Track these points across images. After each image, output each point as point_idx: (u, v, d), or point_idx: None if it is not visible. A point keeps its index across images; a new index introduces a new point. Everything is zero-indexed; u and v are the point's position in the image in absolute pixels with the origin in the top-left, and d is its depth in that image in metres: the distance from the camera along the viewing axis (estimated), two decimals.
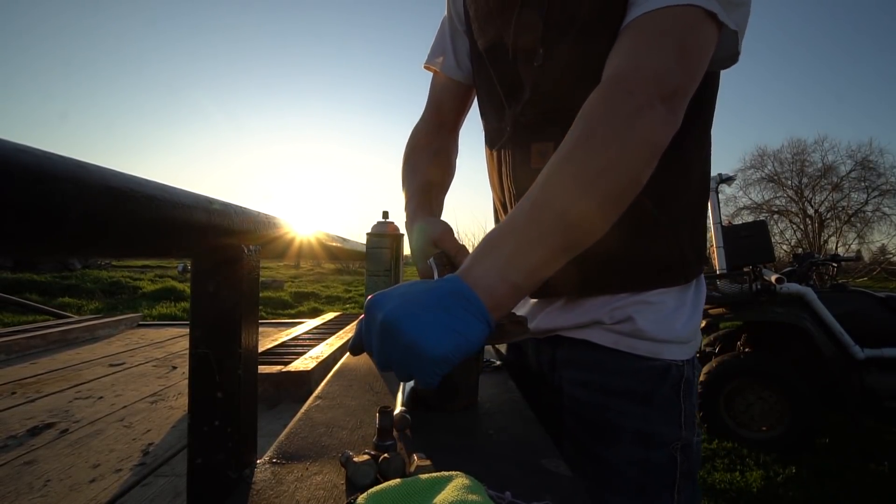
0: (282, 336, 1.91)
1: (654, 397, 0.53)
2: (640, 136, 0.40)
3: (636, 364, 0.54)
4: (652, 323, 0.54)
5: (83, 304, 6.10)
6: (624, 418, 0.53)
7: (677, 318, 0.55)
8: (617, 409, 0.54)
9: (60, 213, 0.21)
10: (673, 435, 0.53)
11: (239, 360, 0.38)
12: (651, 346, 0.54)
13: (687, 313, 0.55)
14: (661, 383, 0.53)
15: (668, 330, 0.54)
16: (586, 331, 0.57)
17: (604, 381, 0.55)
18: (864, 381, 2.29)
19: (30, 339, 1.96)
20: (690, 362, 0.55)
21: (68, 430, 1.09)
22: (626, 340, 0.55)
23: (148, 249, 0.32)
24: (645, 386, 0.53)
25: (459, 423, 0.51)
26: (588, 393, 0.56)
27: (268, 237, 0.46)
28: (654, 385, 0.53)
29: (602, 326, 0.56)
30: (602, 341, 0.56)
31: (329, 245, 0.84)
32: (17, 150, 0.19)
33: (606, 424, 0.54)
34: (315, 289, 9.25)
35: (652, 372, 0.53)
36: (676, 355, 0.54)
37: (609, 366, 0.55)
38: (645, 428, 0.53)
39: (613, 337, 0.56)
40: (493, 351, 0.89)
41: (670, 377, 0.54)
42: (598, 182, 0.39)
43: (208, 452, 0.38)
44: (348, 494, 0.36)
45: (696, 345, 0.57)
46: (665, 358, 0.54)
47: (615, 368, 0.55)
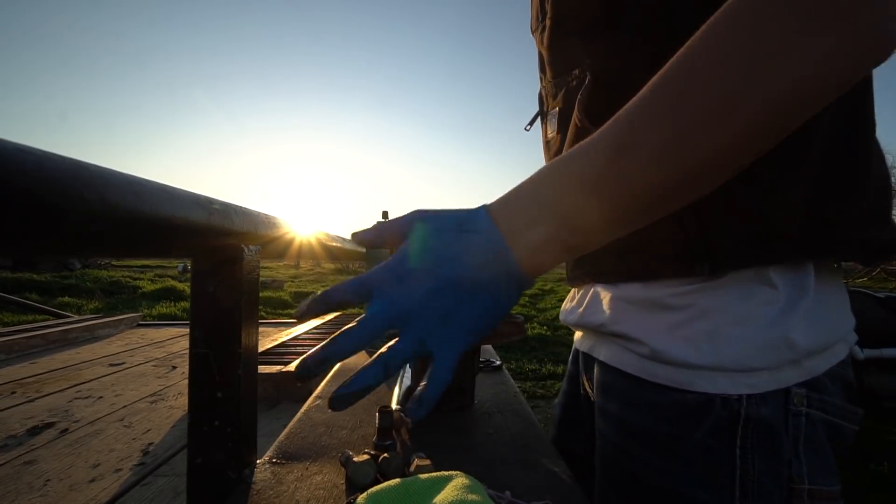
0: (282, 336, 1.91)
1: (682, 445, 0.36)
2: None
3: (655, 395, 0.38)
4: (672, 337, 0.37)
5: (83, 304, 6.10)
6: (641, 468, 0.38)
7: (726, 333, 0.36)
8: (633, 454, 0.39)
9: (60, 213, 0.21)
10: (717, 502, 0.35)
11: (239, 360, 0.38)
12: (674, 372, 0.37)
13: (755, 326, 0.35)
14: (692, 426, 0.36)
15: (706, 350, 0.36)
16: (603, 342, 0.45)
17: (622, 413, 0.41)
18: (864, 381, 2.29)
19: (30, 338, 1.96)
20: (771, 397, 0.35)
21: (68, 430, 1.09)
22: (643, 363, 0.39)
23: (148, 249, 0.32)
24: (666, 427, 0.37)
25: (459, 423, 0.51)
26: (607, 426, 0.42)
27: (268, 237, 0.46)
28: (680, 427, 0.36)
29: (618, 339, 0.42)
30: (612, 361, 0.42)
31: (329, 245, 0.84)
32: (17, 149, 0.19)
33: (622, 471, 0.40)
34: (315, 289, 9.25)
35: (678, 409, 0.36)
36: (725, 388, 0.35)
37: (626, 393, 0.41)
38: (668, 486, 0.36)
39: (626, 356, 0.41)
40: (493, 351, 0.89)
41: (712, 417, 0.35)
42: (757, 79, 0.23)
43: (208, 452, 0.38)
44: (348, 494, 0.36)
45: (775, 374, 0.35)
46: (701, 390, 0.36)
47: (633, 398, 0.40)
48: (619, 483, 0.40)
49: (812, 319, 0.36)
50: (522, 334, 0.55)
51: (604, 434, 0.43)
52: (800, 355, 0.35)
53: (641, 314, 0.40)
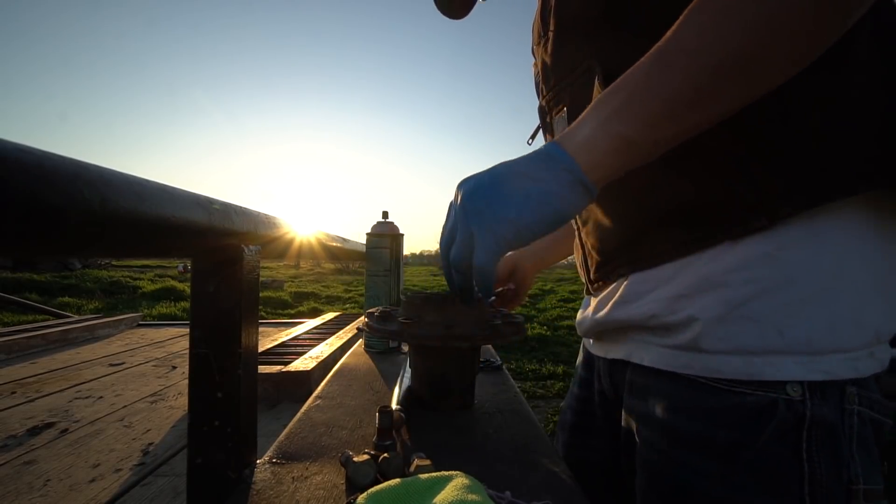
0: (282, 336, 1.91)
1: (743, 452, 0.34)
2: None
3: (710, 399, 0.35)
4: (722, 319, 0.34)
5: (83, 304, 6.10)
6: (698, 478, 0.35)
7: (782, 304, 0.33)
8: (686, 464, 0.36)
9: (60, 213, 0.21)
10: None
11: (239, 360, 0.38)
12: (736, 362, 0.34)
13: (807, 291, 0.32)
14: (755, 431, 0.33)
15: (772, 331, 0.33)
16: (640, 345, 0.41)
17: (671, 420, 0.38)
18: None
19: (30, 338, 1.96)
20: (830, 395, 0.33)
21: (68, 430, 1.09)
22: (684, 357, 0.36)
23: (148, 249, 0.32)
24: (725, 434, 0.34)
25: (459, 423, 0.51)
26: (653, 434, 0.39)
27: (268, 237, 0.46)
28: (741, 433, 0.34)
29: (660, 335, 0.39)
30: (656, 363, 0.39)
31: (329, 245, 0.84)
32: (17, 149, 0.19)
33: (672, 481, 0.37)
34: (315, 289, 9.25)
35: (739, 413, 0.34)
36: (792, 373, 0.33)
37: (674, 398, 0.37)
38: (730, 497, 0.34)
39: (673, 355, 0.38)
40: (493, 351, 0.90)
41: (775, 421, 0.33)
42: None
43: (208, 452, 0.38)
44: (348, 494, 0.36)
45: (851, 358, 0.33)
46: (767, 378, 0.33)
47: (681, 403, 0.37)
48: (672, 495, 0.37)
49: (886, 303, 0.33)
50: (522, 334, 0.55)
51: (649, 443, 0.39)
52: (874, 345, 0.33)
53: (692, 298, 0.36)
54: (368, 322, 0.56)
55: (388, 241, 0.91)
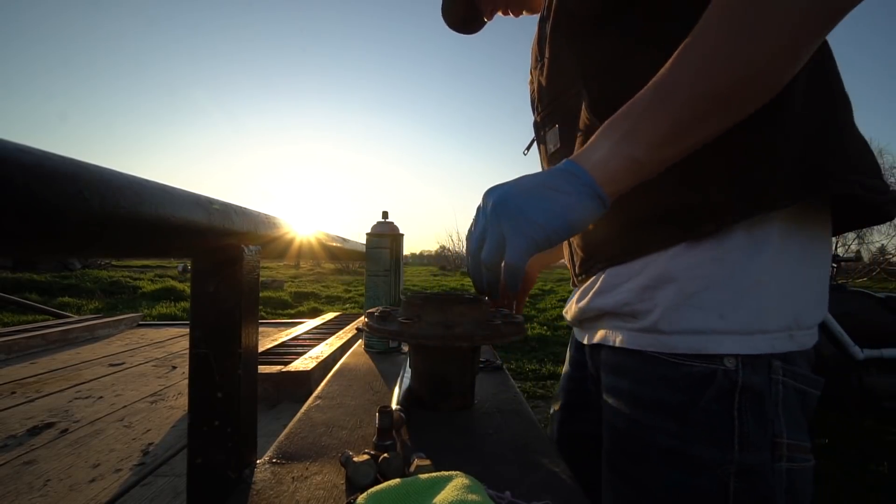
0: (282, 336, 1.91)
1: (691, 411, 0.42)
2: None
3: (666, 371, 0.43)
4: (677, 307, 0.43)
5: (83, 304, 6.09)
6: (655, 434, 0.44)
7: (724, 296, 0.41)
8: (646, 423, 0.45)
9: (60, 213, 0.21)
10: (721, 458, 0.41)
11: (239, 360, 0.38)
12: (682, 339, 0.43)
13: (743, 285, 0.41)
14: (698, 394, 0.42)
15: (708, 315, 0.41)
16: (614, 329, 0.49)
17: (635, 390, 0.46)
18: (863, 381, 2.29)
19: (30, 338, 1.96)
20: (759, 368, 0.42)
21: (68, 430, 1.09)
22: (647, 337, 0.45)
23: (148, 249, 0.32)
24: (678, 397, 0.43)
25: (459, 423, 0.51)
26: (619, 402, 0.48)
27: (268, 237, 0.46)
28: (689, 395, 0.42)
29: (623, 319, 0.47)
30: (627, 344, 0.47)
31: (329, 245, 0.84)
32: (17, 149, 0.19)
33: (637, 440, 0.45)
34: (315, 289, 9.25)
35: (687, 380, 0.42)
36: (728, 348, 0.41)
37: (638, 372, 0.46)
38: (679, 447, 0.42)
39: (639, 336, 0.46)
40: (493, 351, 0.90)
41: (714, 386, 0.42)
42: (753, 28, 0.32)
43: (208, 452, 0.38)
44: (348, 494, 0.36)
45: (773, 338, 0.41)
46: (709, 352, 0.41)
47: (644, 376, 0.45)
48: (633, 449, 0.45)
49: (809, 296, 0.43)
50: (522, 334, 0.55)
51: (615, 409, 0.48)
52: (794, 329, 0.42)
53: (655, 290, 0.44)
54: (368, 322, 0.56)
55: (388, 241, 0.91)
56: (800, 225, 0.43)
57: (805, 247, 0.43)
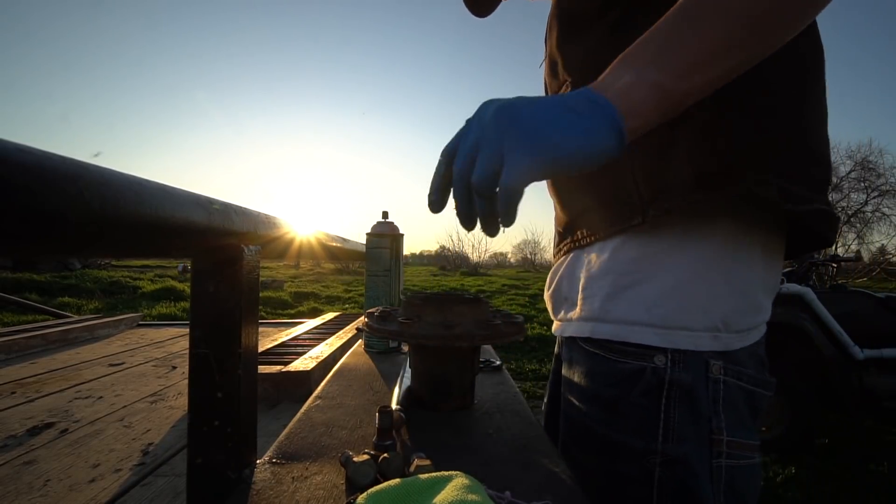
0: (282, 336, 1.90)
1: (620, 404, 0.45)
2: None
3: (603, 367, 0.46)
4: (612, 297, 0.45)
5: (83, 304, 6.09)
6: (593, 423, 0.47)
7: (651, 291, 0.43)
8: (588, 413, 0.47)
9: (60, 213, 0.21)
10: (645, 447, 0.43)
11: (239, 360, 0.38)
12: (617, 329, 0.45)
13: (667, 283, 0.43)
14: (628, 388, 0.44)
15: (635, 307, 0.44)
16: (564, 322, 0.52)
17: (582, 381, 0.49)
18: (864, 381, 2.29)
19: (29, 338, 1.96)
20: (691, 366, 0.43)
21: (68, 430, 1.09)
22: (587, 325, 0.47)
23: (148, 249, 0.32)
24: (610, 391, 0.45)
25: (459, 423, 0.51)
26: (571, 392, 0.51)
27: (268, 237, 0.46)
28: (620, 390, 0.45)
29: (573, 307, 0.50)
30: (575, 332, 0.49)
31: (329, 245, 0.84)
32: (17, 149, 0.19)
33: (581, 428, 0.48)
34: (315, 289, 9.24)
35: (620, 376, 0.45)
36: (649, 340, 0.43)
37: (580, 365, 0.49)
38: (611, 435, 0.45)
39: (577, 325, 0.49)
40: (493, 351, 0.90)
41: (643, 382, 0.44)
42: None
43: (208, 452, 0.38)
44: (348, 494, 0.36)
45: (696, 336, 0.43)
46: (633, 341, 0.44)
47: (590, 369, 0.48)
48: (578, 437, 0.49)
49: (740, 302, 0.43)
50: (522, 334, 0.55)
51: (567, 398, 0.51)
52: (721, 331, 0.43)
53: (598, 280, 0.47)
54: (368, 322, 0.56)
55: (388, 241, 0.91)
56: (737, 229, 0.43)
57: (740, 253, 0.43)
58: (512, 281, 13.02)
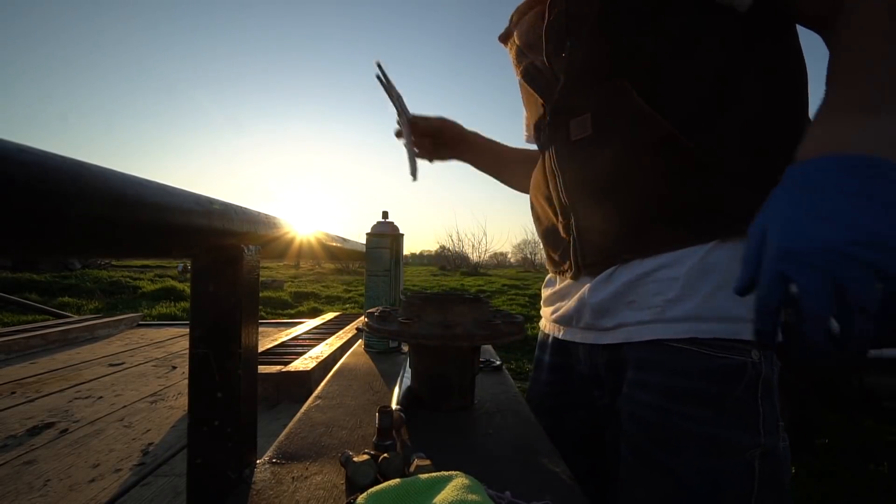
0: (282, 336, 1.90)
1: (726, 400, 0.46)
2: None
3: (703, 363, 0.47)
4: (714, 294, 0.47)
5: (83, 304, 6.09)
6: (691, 423, 0.47)
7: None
8: (682, 413, 0.47)
9: (60, 213, 0.21)
10: (750, 442, 0.46)
11: (239, 360, 0.38)
12: (718, 327, 0.46)
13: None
14: (734, 384, 0.46)
15: (734, 302, 0.46)
16: (631, 321, 0.52)
17: (669, 382, 0.49)
18: (863, 381, 2.29)
19: (29, 338, 1.96)
20: (769, 358, 0.47)
21: (68, 430, 1.09)
22: (684, 326, 0.48)
23: (148, 249, 0.32)
24: (714, 387, 0.46)
25: (459, 423, 0.51)
26: (647, 394, 0.50)
27: (268, 237, 0.46)
28: (725, 386, 0.46)
29: (657, 311, 0.50)
30: (660, 335, 0.49)
31: (329, 245, 0.84)
32: (17, 149, 0.19)
33: (671, 430, 0.48)
34: (315, 289, 9.24)
35: (722, 372, 0.46)
36: (749, 334, 0.46)
37: (668, 365, 0.49)
38: (716, 434, 0.46)
39: (665, 327, 0.49)
40: (493, 351, 0.90)
41: (746, 377, 0.46)
42: None
43: (208, 452, 0.38)
44: (348, 494, 0.36)
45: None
46: (743, 338, 0.46)
47: (681, 367, 0.48)
48: (668, 440, 0.48)
49: None
50: (522, 334, 0.55)
51: (643, 402, 0.50)
52: None
53: (694, 280, 0.48)
54: (368, 322, 0.56)
55: (388, 241, 0.91)
56: None
57: None
58: (512, 281, 13.02)
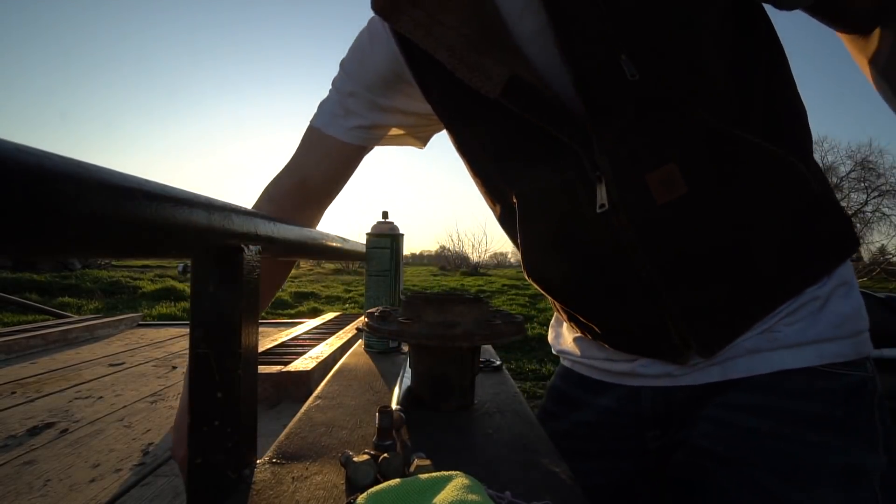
0: (282, 336, 1.91)
1: (854, 421, 0.43)
2: None
3: (826, 383, 0.43)
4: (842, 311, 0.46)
5: (83, 304, 6.09)
6: (824, 454, 0.42)
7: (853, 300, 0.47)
8: (810, 442, 0.42)
9: (60, 213, 0.21)
10: (874, 464, 0.42)
11: (239, 360, 0.38)
12: (840, 346, 0.44)
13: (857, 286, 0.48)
14: (857, 403, 0.43)
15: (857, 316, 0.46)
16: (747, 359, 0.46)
17: (793, 406, 0.44)
18: None
19: (30, 338, 1.96)
20: (874, 369, 0.46)
21: (68, 430, 1.09)
22: (812, 351, 0.44)
23: (148, 249, 0.32)
24: (840, 409, 0.43)
25: (459, 423, 0.51)
26: (764, 422, 0.45)
27: (268, 237, 0.46)
28: (851, 406, 0.43)
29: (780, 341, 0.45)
30: (786, 365, 0.45)
31: (329, 245, 0.84)
32: (17, 149, 0.19)
33: (798, 461, 0.43)
34: (315, 289, 9.24)
35: (847, 391, 0.43)
36: (868, 348, 0.46)
37: (797, 386, 0.44)
38: (849, 462, 0.42)
39: (803, 353, 0.45)
40: (493, 351, 0.90)
41: (867, 394, 0.43)
42: None
43: (208, 452, 0.38)
44: (348, 494, 0.36)
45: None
46: (862, 354, 0.45)
47: (806, 389, 0.44)
48: (801, 475, 0.43)
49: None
50: (522, 334, 0.55)
51: (753, 429, 0.45)
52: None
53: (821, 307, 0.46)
54: (368, 322, 0.56)
55: (388, 241, 0.91)
56: None
57: None
58: (512, 281, 13.02)
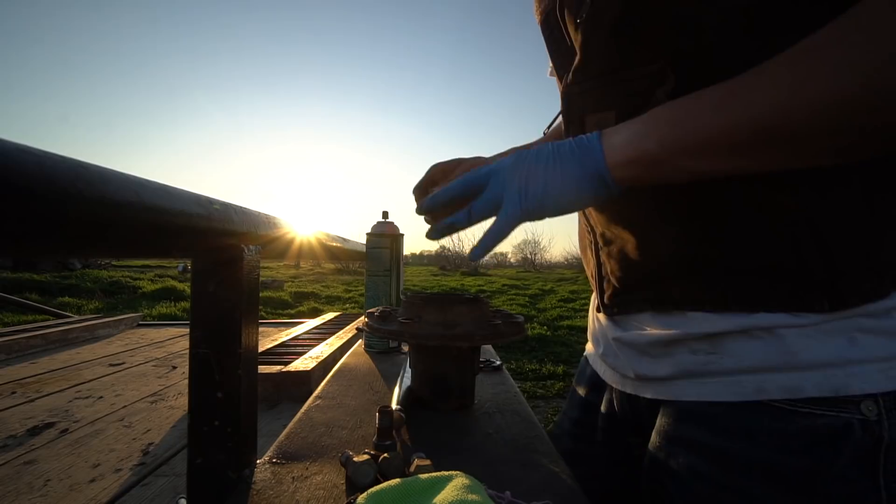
0: (282, 336, 1.90)
1: (818, 479, 0.31)
2: None
3: (779, 423, 0.33)
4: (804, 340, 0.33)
5: (83, 304, 6.09)
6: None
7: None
8: (745, 493, 0.33)
9: (60, 213, 0.21)
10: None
11: (239, 360, 0.38)
12: (827, 375, 0.32)
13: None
14: (830, 456, 0.31)
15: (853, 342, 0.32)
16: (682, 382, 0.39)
17: (721, 444, 0.35)
18: None
19: (30, 338, 1.96)
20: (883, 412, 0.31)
21: (68, 430, 1.09)
22: (752, 382, 0.34)
23: (148, 249, 0.32)
24: (798, 461, 0.32)
25: (459, 423, 0.51)
26: (697, 459, 0.36)
27: (268, 237, 0.46)
28: (816, 458, 0.31)
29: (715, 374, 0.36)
30: (713, 397, 0.36)
31: (329, 245, 0.84)
32: (17, 149, 0.19)
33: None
34: (315, 289, 9.24)
35: (812, 437, 0.31)
36: (865, 385, 0.31)
37: (727, 419, 0.35)
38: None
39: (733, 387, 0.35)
40: (493, 351, 0.90)
41: (851, 444, 0.30)
42: (841, 72, 0.25)
43: (208, 452, 0.38)
44: (348, 494, 0.36)
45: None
46: (851, 392, 0.31)
47: (739, 424, 0.34)
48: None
49: None
50: (522, 334, 0.55)
51: (692, 469, 0.36)
52: None
53: (748, 342, 0.35)
54: (368, 322, 0.56)
55: (388, 241, 0.91)
56: None
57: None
58: (512, 281, 13.02)
